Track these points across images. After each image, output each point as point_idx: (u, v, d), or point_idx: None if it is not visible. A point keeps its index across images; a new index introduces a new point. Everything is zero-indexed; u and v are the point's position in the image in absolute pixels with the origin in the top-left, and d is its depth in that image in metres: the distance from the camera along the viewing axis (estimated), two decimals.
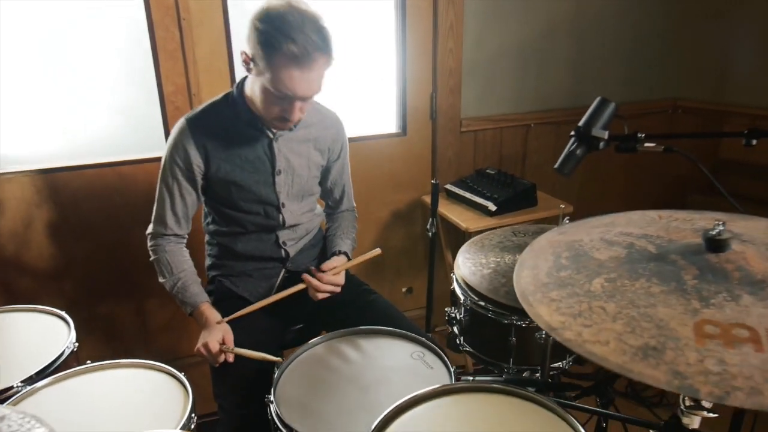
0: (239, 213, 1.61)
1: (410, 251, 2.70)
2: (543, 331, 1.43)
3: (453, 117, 2.53)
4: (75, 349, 1.47)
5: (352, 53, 2.35)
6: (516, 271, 1.05)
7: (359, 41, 2.37)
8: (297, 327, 1.75)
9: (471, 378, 1.28)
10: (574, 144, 1.38)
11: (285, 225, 1.66)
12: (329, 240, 1.78)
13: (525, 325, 1.46)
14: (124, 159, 2.14)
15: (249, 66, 1.41)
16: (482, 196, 2.32)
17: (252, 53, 1.38)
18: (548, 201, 2.40)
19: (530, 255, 1.10)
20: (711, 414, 1.01)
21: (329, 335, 1.51)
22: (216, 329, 1.49)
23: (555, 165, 1.40)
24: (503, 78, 2.57)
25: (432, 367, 1.36)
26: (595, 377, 1.57)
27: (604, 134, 1.35)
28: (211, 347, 1.44)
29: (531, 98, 2.65)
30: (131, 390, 1.33)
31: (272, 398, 1.27)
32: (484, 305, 1.50)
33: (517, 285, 1.00)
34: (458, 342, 1.65)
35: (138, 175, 2.14)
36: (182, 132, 1.52)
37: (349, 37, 2.32)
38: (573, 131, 1.38)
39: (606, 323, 0.85)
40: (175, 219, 1.59)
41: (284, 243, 1.69)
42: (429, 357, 1.40)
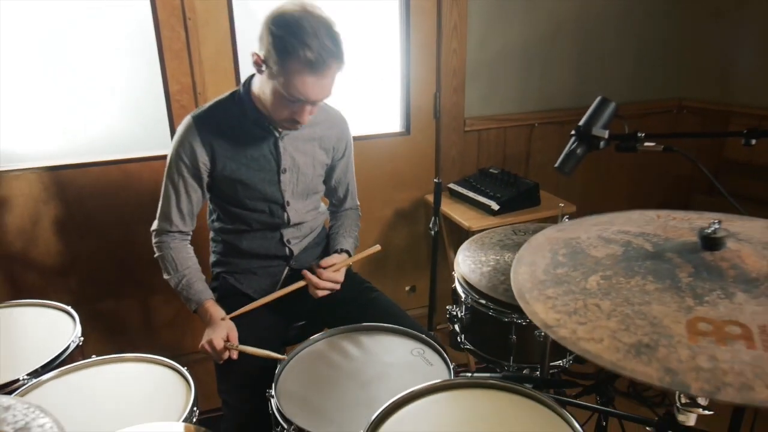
0: (244, 211, 1.62)
1: (413, 250, 2.71)
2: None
3: (457, 116, 2.53)
4: (80, 344, 1.49)
5: (357, 53, 2.36)
6: (513, 268, 1.04)
7: (364, 41, 2.38)
8: (299, 324, 1.76)
9: (469, 375, 1.29)
10: (575, 143, 1.39)
11: (289, 223, 1.67)
12: (332, 238, 1.79)
13: (525, 324, 1.46)
14: (130, 157, 2.16)
15: (261, 68, 1.42)
16: (485, 196, 2.33)
17: (265, 56, 1.38)
18: (551, 201, 2.41)
19: (528, 252, 1.10)
20: (706, 411, 1.01)
21: (330, 332, 1.52)
22: (220, 326, 1.49)
23: (555, 164, 1.41)
24: (507, 78, 2.58)
25: (432, 364, 1.37)
26: (596, 376, 1.57)
27: (605, 133, 1.35)
28: (216, 344, 1.44)
29: (535, 98, 2.65)
30: (134, 383, 1.34)
31: (273, 393, 1.28)
32: (485, 303, 1.50)
33: (514, 282, 1.00)
34: (459, 340, 1.65)
35: (143, 173, 2.16)
36: (189, 129, 1.53)
37: (354, 37, 2.32)
38: (573, 130, 1.39)
39: (601, 321, 0.86)
40: (180, 216, 1.60)
41: (288, 241, 1.70)
42: (429, 354, 1.41)
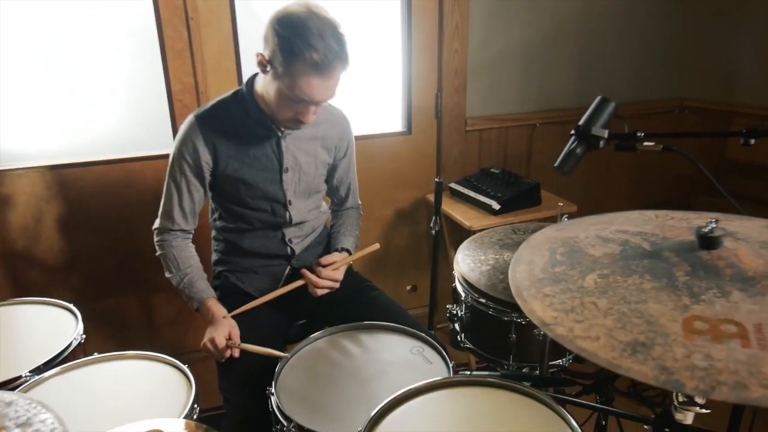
0: (246, 210, 1.63)
1: (415, 250, 2.72)
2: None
3: (458, 116, 2.54)
4: (82, 341, 1.50)
5: (359, 52, 2.35)
6: (512, 267, 1.05)
7: (366, 41, 2.38)
8: (300, 323, 1.77)
9: (468, 373, 1.30)
10: (574, 143, 1.39)
11: (291, 222, 1.67)
12: (333, 237, 1.79)
13: (524, 323, 1.46)
14: (132, 156, 2.17)
15: (266, 68, 1.42)
16: (486, 195, 2.33)
17: (270, 57, 1.39)
18: (552, 200, 2.41)
19: (526, 250, 1.10)
20: (704, 410, 1.02)
21: (330, 330, 1.52)
22: (222, 324, 1.49)
23: (555, 163, 1.42)
24: (508, 78, 2.58)
25: (431, 362, 1.38)
26: (596, 376, 1.57)
27: (604, 133, 1.35)
28: (218, 342, 1.44)
29: (536, 98, 2.65)
30: (136, 380, 1.35)
31: (273, 390, 1.29)
32: (485, 302, 1.51)
33: (512, 280, 1.01)
34: (459, 339, 1.65)
35: (145, 172, 2.17)
36: (191, 128, 1.54)
37: (356, 37, 2.33)
38: (573, 130, 1.39)
39: (597, 319, 0.86)
40: (183, 214, 1.60)
41: (290, 240, 1.70)
42: (428, 352, 1.42)
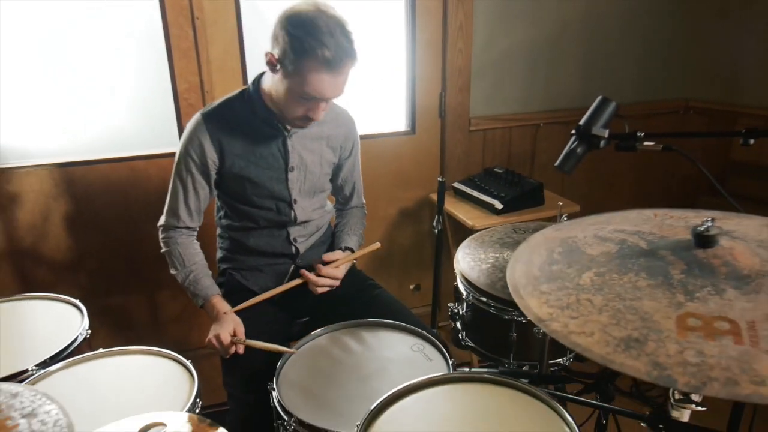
0: (252, 208, 1.64)
1: (418, 249, 2.72)
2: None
3: (462, 116, 2.55)
4: (88, 336, 1.52)
5: (363, 52, 2.37)
6: (510, 265, 1.07)
7: (370, 40, 2.39)
8: (303, 320, 1.78)
9: (467, 370, 1.31)
10: (575, 142, 1.40)
11: (296, 221, 1.68)
12: (337, 236, 1.81)
13: (525, 321, 1.47)
14: (138, 154, 2.19)
15: (275, 67, 1.43)
16: (489, 195, 2.34)
17: (280, 56, 1.40)
18: (555, 200, 2.41)
19: (525, 250, 1.12)
20: (700, 407, 1.03)
21: (332, 327, 1.54)
22: (227, 321, 1.50)
23: (555, 163, 1.43)
24: (512, 77, 2.58)
25: (431, 360, 1.39)
26: (596, 375, 1.58)
27: (605, 133, 1.36)
28: (223, 339, 1.45)
29: (540, 98, 2.66)
30: (139, 375, 1.37)
31: (275, 386, 1.30)
32: (485, 300, 1.52)
33: (510, 278, 1.02)
34: (461, 337, 1.66)
35: (151, 170, 2.19)
36: (198, 126, 1.55)
37: (361, 36, 2.35)
38: (573, 129, 1.40)
39: (592, 315, 0.87)
40: (188, 212, 1.62)
41: (295, 239, 1.71)
42: (429, 349, 1.43)
